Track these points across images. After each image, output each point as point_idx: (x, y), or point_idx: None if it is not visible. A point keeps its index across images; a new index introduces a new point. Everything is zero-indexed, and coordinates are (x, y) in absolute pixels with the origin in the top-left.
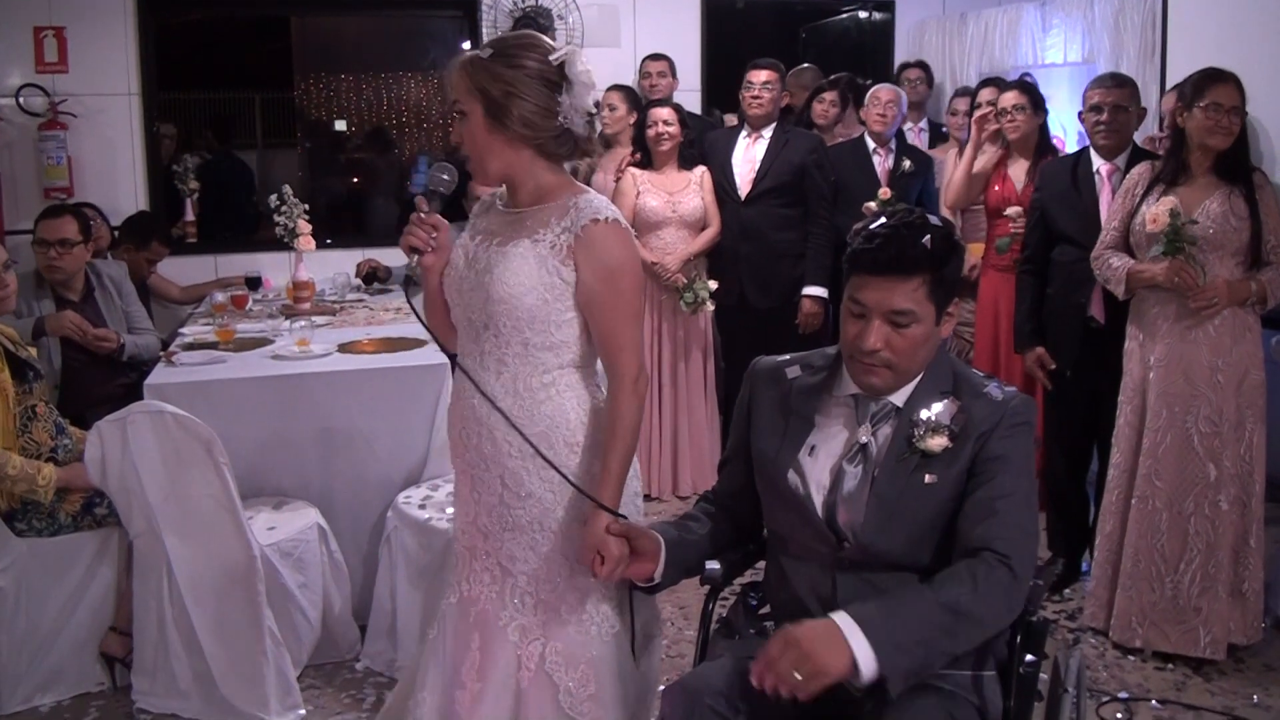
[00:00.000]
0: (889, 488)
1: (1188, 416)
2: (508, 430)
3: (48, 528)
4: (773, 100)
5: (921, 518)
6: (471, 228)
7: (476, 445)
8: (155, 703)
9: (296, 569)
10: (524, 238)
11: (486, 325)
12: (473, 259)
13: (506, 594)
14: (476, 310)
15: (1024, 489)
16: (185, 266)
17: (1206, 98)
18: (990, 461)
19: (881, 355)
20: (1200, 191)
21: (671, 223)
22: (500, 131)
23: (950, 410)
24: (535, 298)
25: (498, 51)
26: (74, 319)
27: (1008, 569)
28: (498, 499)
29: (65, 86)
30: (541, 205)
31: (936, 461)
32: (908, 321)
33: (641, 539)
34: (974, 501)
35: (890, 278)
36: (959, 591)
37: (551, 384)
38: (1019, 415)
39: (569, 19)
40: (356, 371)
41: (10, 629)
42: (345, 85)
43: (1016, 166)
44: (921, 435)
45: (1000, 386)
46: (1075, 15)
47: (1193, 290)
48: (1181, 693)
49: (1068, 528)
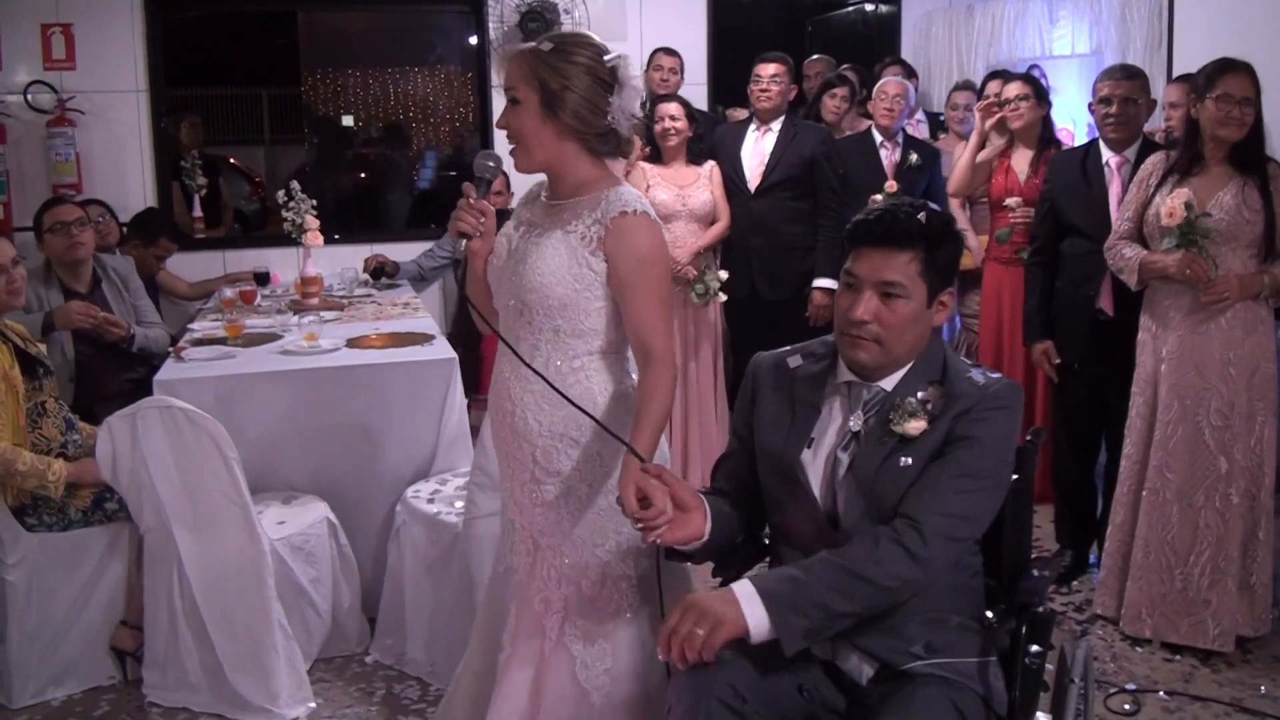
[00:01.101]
0: (865, 471)
1: (1199, 409)
2: (538, 410)
3: (58, 523)
4: (781, 93)
5: (898, 500)
6: (516, 218)
7: (510, 424)
8: (166, 696)
9: (306, 563)
10: (558, 229)
11: (521, 312)
12: (514, 249)
13: (537, 566)
14: (514, 297)
15: (989, 469)
16: (193, 262)
17: (1218, 88)
18: (957, 441)
19: (870, 328)
20: (1214, 183)
21: (681, 216)
22: (552, 122)
23: (932, 396)
24: (566, 288)
25: (557, 46)
26: (80, 308)
27: (917, 534)
28: (529, 475)
29: (73, 83)
30: (579, 198)
31: (913, 445)
32: (897, 294)
33: (681, 490)
34: (928, 472)
35: (884, 249)
36: (857, 553)
37: (581, 369)
38: (999, 400)
39: (575, 13)
40: (365, 366)
41: (21, 623)
42: (352, 80)
43: (1020, 158)
44: (898, 419)
45: (985, 373)
46: (1082, 6)
47: (1204, 284)
48: (1189, 684)
49: (1075, 520)
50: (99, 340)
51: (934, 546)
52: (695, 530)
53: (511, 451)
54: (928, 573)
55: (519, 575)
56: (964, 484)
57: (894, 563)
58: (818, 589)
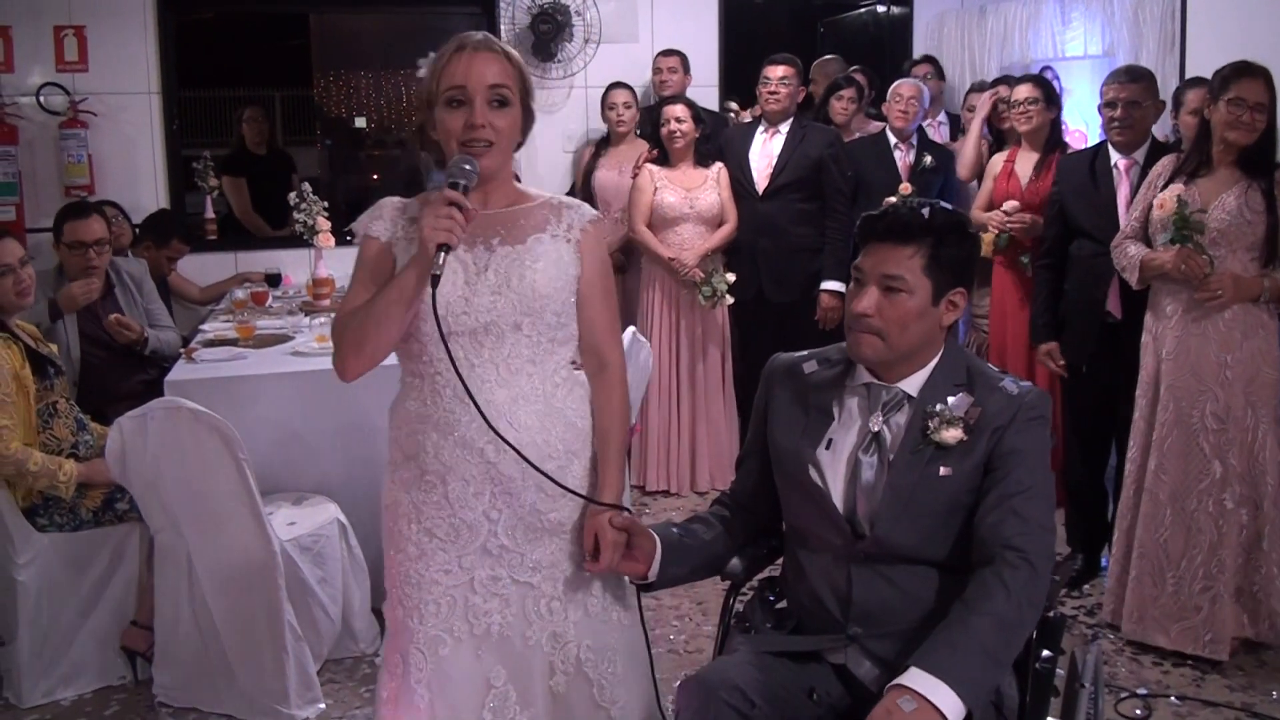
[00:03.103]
0: (903, 479)
1: (1194, 411)
2: (540, 431)
3: (69, 523)
4: (790, 95)
5: (936, 510)
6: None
7: (502, 466)
8: (176, 696)
9: (316, 564)
10: (532, 234)
11: (517, 326)
12: (477, 265)
13: (527, 609)
14: (502, 314)
15: (1039, 482)
16: (205, 264)
17: (1231, 91)
18: (1006, 456)
19: (871, 321)
20: (1219, 184)
21: (689, 218)
22: (519, 135)
23: (964, 404)
24: (565, 292)
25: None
26: (80, 287)
27: (1028, 565)
28: (529, 508)
29: (85, 85)
30: (519, 206)
31: (951, 454)
32: (899, 288)
33: (639, 537)
34: (992, 498)
35: (889, 243)
36: (996, 603)
37: (568, 378)
38: (1034, 409)
39: (586, 15)
40: (375, 367)
41: (32, 623)
42: (364, 82)
43: (1024, 160)
44: (936, 428)
45: (1015, 381)
46: (1095, 8)
47: (1199, 280)
48: (1200, 689)
49: (1086, 523)
50: (111, 343)
51: (1043, 566)
52: (635, 572)
53: (504, 492)
54: (1046, 593)
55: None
56: (1032, 497)
57: (1028, 597)
58: (983, 652)
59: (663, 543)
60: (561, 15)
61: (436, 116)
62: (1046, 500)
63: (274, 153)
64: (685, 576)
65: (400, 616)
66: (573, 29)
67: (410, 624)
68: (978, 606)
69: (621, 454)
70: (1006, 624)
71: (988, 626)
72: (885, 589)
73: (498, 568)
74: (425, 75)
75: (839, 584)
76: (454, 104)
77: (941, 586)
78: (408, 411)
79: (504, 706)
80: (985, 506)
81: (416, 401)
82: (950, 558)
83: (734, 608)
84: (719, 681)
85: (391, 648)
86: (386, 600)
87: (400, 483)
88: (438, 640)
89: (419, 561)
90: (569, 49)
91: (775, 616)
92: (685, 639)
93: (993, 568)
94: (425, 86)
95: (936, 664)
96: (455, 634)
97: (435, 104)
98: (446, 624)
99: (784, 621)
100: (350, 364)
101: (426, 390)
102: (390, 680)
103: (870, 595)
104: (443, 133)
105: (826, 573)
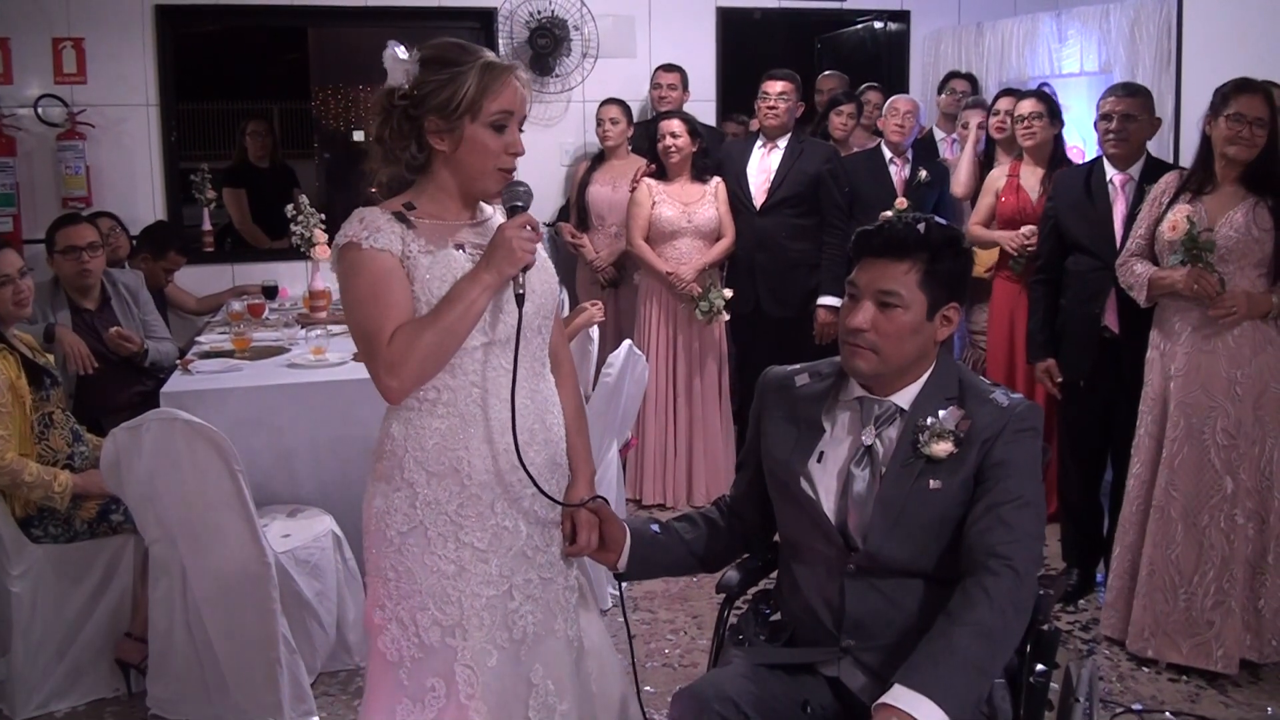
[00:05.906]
0: (894, 492)
1: (1205, 428)
2: (557, 429)
3: (64, 534)
4: (788, 111)
5: (927, 523)
6: (453, 245)
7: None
8: (170, 709)
9: (311, 576)
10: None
11: (539, 330)
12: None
13: (550, 602)
14: (530, 320)
15: (1029, 492)
16: (203, 276)
17: (1231, 107)
18: (995, 467)
19: (867, 336)
20: (1225, 201)
21: (687, 233)
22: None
23: (955, 416)
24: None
25: None
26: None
27: (1012, 571)
28: (543, 505)
29: (84, 97)
30: (487, 217)
31: (941, 467)
32: (894, 303)
33: (609, 524)
34: (980, 508)
35: (884, 259)
36: (978, 612)
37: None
38: (1024, 421)
39: (584, 30)
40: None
41: (26, 635)
42: (362, 95)
43: (1030, 176)
44: (926, 441)
45: (1006, 393)
46: (1091, 25)
47: (1211, 299)
48: (1195, 705)
49: (1082, 538)
50: (108, 354)
51: (1028, 572)
52: (605, 561)
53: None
54: (1034, 600)
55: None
56: (1019, 507)
57: (1012, 605)
58: (967, 663)
59: (632, 534)
60: (560, 30)
61: (469, 132)
62: (1036, 510)
63: (276, 166)
64: (660, 570)
65: (436, 639)
66: (571, 44)
67: (450, 643)
68: (960, 617)
69: (588, 444)
70: (990, 633)
71: (970, 637)
72: (878, 601)
73: (530, 570)
74: (464, 89)
75: (832, 596)
76: (499, 128)
77: (934, 599)
78: (434, 429)
79: (546, 701)
80: (973, 516)
81: (445, 418)
82: (942, 570)
83: (728, 620)
84: (712, 694)
85: (424, 672)
86: (400, 630)
87: (426, 504)
88: (484, 653)
89: (458, 579)
90: (567, 63)
91: (769, 629)
92: (680, 653)
93: (975, 577)
94: (458, 97)
95: (920, 680)
96: (498, 643)
97: (473, 119)
98: (490, 635)
99: (778, 634)
100: (412, 384)
101: (461, 403)
102: (429, 707)
103: (863, 608)
104: (477, 149)
105: (820, 585)
